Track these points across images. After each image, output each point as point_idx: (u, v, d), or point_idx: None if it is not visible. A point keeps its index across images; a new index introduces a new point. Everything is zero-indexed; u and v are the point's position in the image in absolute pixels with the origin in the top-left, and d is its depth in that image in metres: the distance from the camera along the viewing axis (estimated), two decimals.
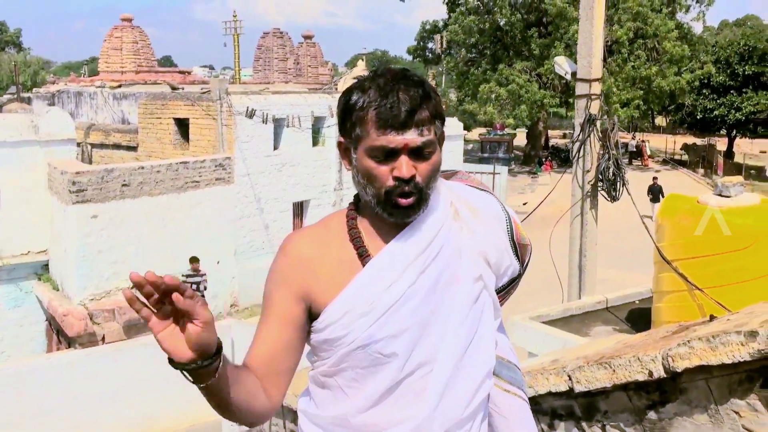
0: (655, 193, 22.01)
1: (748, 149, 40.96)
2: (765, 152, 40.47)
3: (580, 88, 7.50)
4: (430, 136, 1.48)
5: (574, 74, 7.56)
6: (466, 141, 32.77)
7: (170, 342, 1.29)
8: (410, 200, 1.48)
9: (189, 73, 32.69)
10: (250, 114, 15.58)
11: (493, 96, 31.70)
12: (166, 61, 75.32)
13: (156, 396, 8.36)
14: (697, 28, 35.66)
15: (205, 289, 13.78)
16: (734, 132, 37.57)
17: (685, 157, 38.29)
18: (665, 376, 2.76)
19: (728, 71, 34.66)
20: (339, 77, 35.64)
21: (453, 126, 23.70)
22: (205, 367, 1.32)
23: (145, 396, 8.44)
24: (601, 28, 6.87)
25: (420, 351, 1.51)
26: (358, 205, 1.63)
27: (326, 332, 1.51)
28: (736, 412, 2.61)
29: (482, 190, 1.72)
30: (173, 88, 20.56)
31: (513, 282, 1.74)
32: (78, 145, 19.46)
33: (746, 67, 34.14)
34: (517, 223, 1.71)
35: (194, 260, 13.71)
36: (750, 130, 35.93)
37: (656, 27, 29.29)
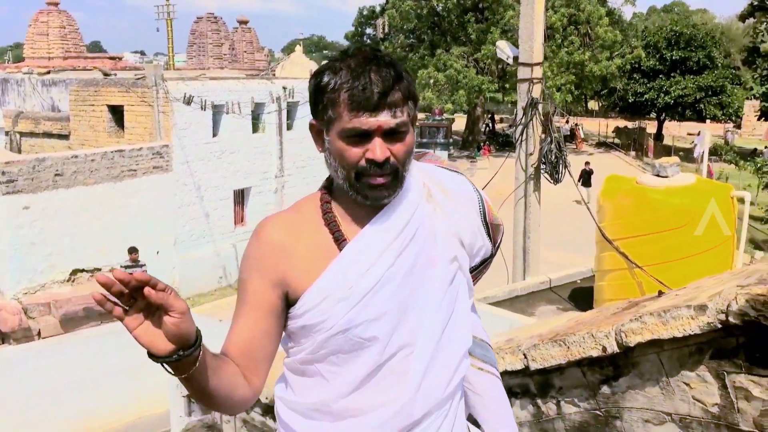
0: (585, 177, 22.50)
1: (676, 132, 42.38)
2: (692, 135, 41.86)
3: (522, 72, 7.61)
4: (403, 117, 1.46)
5: (515, 58, 7.67)
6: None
7: (148, 337, 1.28)
8: (382, 179, 1.46)
9: (120, 59, 31.75)
10: (188, 100, 15.26)
11: (431, 81, 31.88)
12: (95, 47, 72.98)
13: (99, 390, 8.16)
14: (627, 14, 36.66)
15: None
16: (663, 115, 38.80)
17: (617, 140, 39.37)
18: (618, 351, 2.84)
19: (657, 56, 35.72)
20: (276, 63, 35.20)
21: None
22: (186, 357, 1.31)
23: (87, 390, 8.23)
24: (542, 13, 6.97)
25: (400, 334, 1.51)
26: (331, 189, 1.61)
27: (304, 318, 1.50)
28: (687, 384, 2.71)
29: (453, 171, 1.73)
30: (105, 75, 19.92)
31: (485, 262, 1.76)
32: (6, 134, 18.70)
33: (674, 52, 35.25)
34: (489, 203, 1.73)
35: (133, 251, 13.38)
36: (678, 113, 37.16)
37: (589, 13, 29.94)
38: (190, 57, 33.47)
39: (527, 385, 3.33)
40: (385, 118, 1.43)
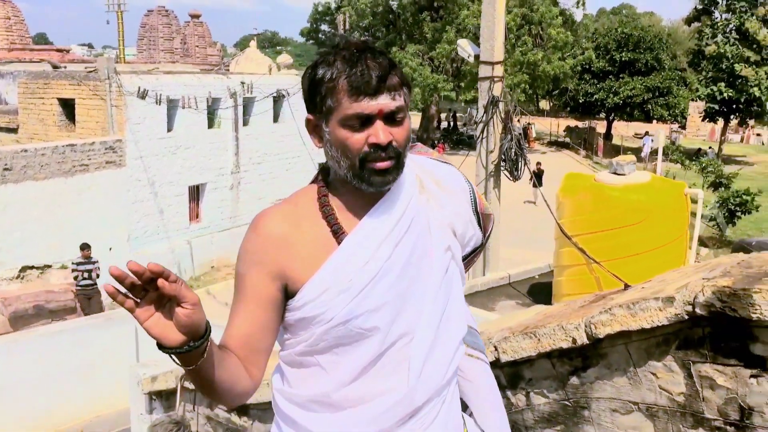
0: (537, 177, 22.91)
1: (624, 132, 43.38)
2: (639, 135, 42.90)
3: (483, 71, 7.71)
4: (401, 101, 1.49)
5: (476, 57, 7.77)
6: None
7: (159, 328, 1.29)
8: (387, 163, 1.48)
9: (68, 51, 30.96)
10: (143, 94, 14.99)
11: None
12: (41, 39, 70.89)
13: (53, 389, 7.98)
14: (578, 15, 37.33)
15: (98, 276, 13.18)
16: (612, 115, 39.65)
17: (568, 139, 40.08)
18: (588, 342, 2.92)
19: (607, 57, 36.46)
20: (229, 58, 34.80)
21: None
22: (196, 348, 1.32)
23: (41, 390, 8.04)
24: (503, 13, 7.10)
25: (399, 323, 1.54)
26: (326, 181, 1.62)
27: (303, 310, 1.51)
28: (654, 374, 2.80)
29: (444, 162, 1.77)
30: (55, 67, 19.42)
31: (476, 250, 1.80)
32: None
33: (623, 54, 36.03)
34: (479, 194, 1.77)
35: (85, 247, 13.07)
36: (627, 114, 38.03)
37: (542, 14, 30.40)
38: (140, 51, 32.89)
39: (497, 377, 3.38)
40: (385, 101, 1.46)
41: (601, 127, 41.74)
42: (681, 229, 6.11)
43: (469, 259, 1.80)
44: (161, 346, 1.31)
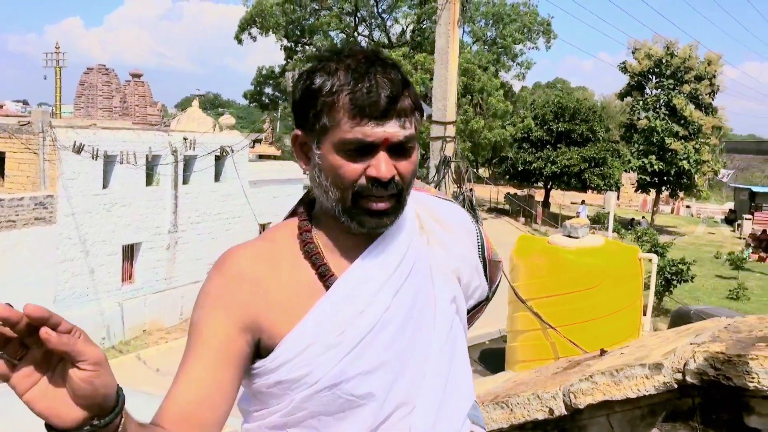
0: None
1: (561, 200, 44.46)
2: (575, 203, 44.01)
3: (436, 131, 7.67)
4: (411, 129, 1.23)
5: (429, 117, 7.73)
6: (305, 186, 32.74)
7: (46, 402, 0.89)
8: (385, 204, 1.23)
9: (1, 106, 30.09)
10: (78, 149, 14.48)
11: None
12: None
13: None
14: (516, 87, 38.56)
15: None
16: (550, 183, 40.63)
17: (508, 207, 40.76)
18: (566, 413, 2.69)
19: (545, 127, 37.59)
20: (170, 118, 34.41)
21: (292, 170, 23.55)
22: (102, 428, 0.93)
23: None
24: (455, 74, 7.10)
25: (398, 390, 1.25)
26: (310, 215, 1.35)
27: (281, 372, 1.20)
28: None
29: (446, 199, 1.52)
30: None
31: (479, 305, 1.53)
32: None
33: (560, 124, 37.22)
34: (487, 237, 1.52)
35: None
36: (564, 182, 39.02)
37: (483, 83, 31.24)
38: (78, 108, 32.17)
39: None
40: (393, 129, 1.19)
41: (539, 195, 42.67)
42: (635, 294, 6.02)
43: (471, 315, 1.51)
44: (51, 428, 0.91)
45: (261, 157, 30.96)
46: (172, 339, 16.42)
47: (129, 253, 16.72)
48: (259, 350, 1.23)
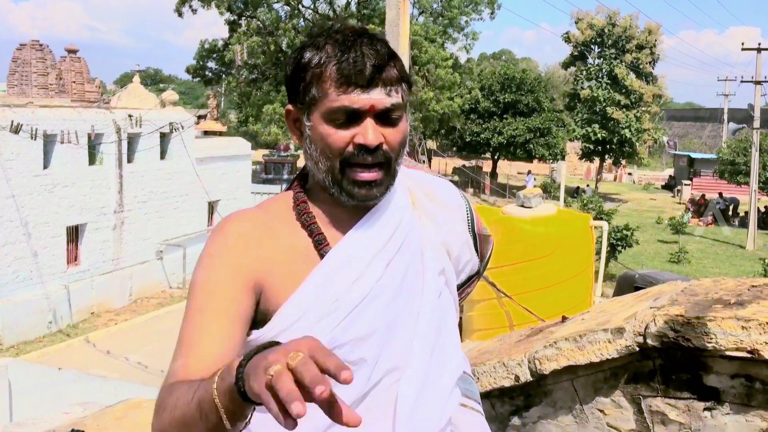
0: None
1: (508, 171, 45.02)
2: (522, 173, 44.66)
3: None
4: (398, 97, 1.26)
5: None
6: (254, 162, 32.36)
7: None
8: (373, 175, 1.26)
9: None
10: (16, 129, 13.96)
11: (277, 116, 31.65)
12: None
13: None
14: (462, 58, 38.65)
15: None
16: (497, 154, 41.07)
17: (456, 178, 41.12)
18: (531, 379, 2.75)
19: (491, 98, 37.87)
20: (109, 95, 33.45)
21: (240, 146, 23.22)
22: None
23: None
24: (407, 46, 7.06)
25: (388, 355, 1.29)
26: (305, 188, 1.38)
27: (277, 339, 1.19)
28: (601, 410, 2.66)
29: (438, 176, 1.57)
30: None
31: (470, 279, 1.57)
32: None
33: (506, 95, 37.54)
34: (476, 212, 1.56)
35: None
36: (511, 153, 39.48)
37: (431, 55, 31.22)
38: (12, 86, 30.94)
39: None
40: (378, 96, 1.24)
41: (487, 166, 43.11)
42: (587, 262, 6.18)
43: (462, 289, 1.56)
44: (244, 395, 0.95)
45: (206, 133, 30.37)
46: (121, 321, 16.14)
47: (74, 234, 16.29)
48: (256, 314, 1.25)
